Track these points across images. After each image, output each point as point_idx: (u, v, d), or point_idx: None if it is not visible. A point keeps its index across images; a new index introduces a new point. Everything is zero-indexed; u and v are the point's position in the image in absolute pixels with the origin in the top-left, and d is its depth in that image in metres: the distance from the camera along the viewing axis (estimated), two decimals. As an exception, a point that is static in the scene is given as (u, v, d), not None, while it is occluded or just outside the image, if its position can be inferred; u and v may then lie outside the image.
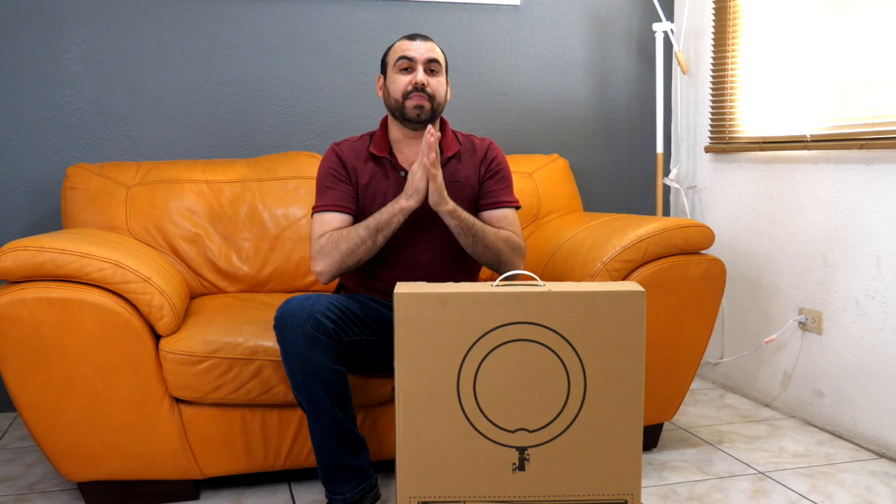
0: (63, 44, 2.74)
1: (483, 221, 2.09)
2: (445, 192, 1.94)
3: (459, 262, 2.11)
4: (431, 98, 2.02)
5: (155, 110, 2.83)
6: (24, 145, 2.74)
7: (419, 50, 2.03)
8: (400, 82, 2.02)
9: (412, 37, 2.06)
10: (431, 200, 1.93)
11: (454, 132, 2.16)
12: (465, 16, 3.07)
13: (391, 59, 2.06)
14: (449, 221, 1.97)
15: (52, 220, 2.75)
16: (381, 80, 2.10)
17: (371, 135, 2.14)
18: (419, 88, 2.00)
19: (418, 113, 2.01)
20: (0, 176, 2.73)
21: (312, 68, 2.94)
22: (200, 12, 2.84)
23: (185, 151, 2.85)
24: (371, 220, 1.95)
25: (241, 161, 2.71)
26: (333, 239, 1.97)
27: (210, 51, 2.85)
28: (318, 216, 2.04)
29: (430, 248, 2.07)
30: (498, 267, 2.06)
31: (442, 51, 2.10)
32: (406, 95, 2.01)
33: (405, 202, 1.94)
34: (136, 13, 2.79)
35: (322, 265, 1.97)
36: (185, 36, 2.83)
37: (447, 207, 1.94)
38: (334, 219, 2.02)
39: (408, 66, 2.02)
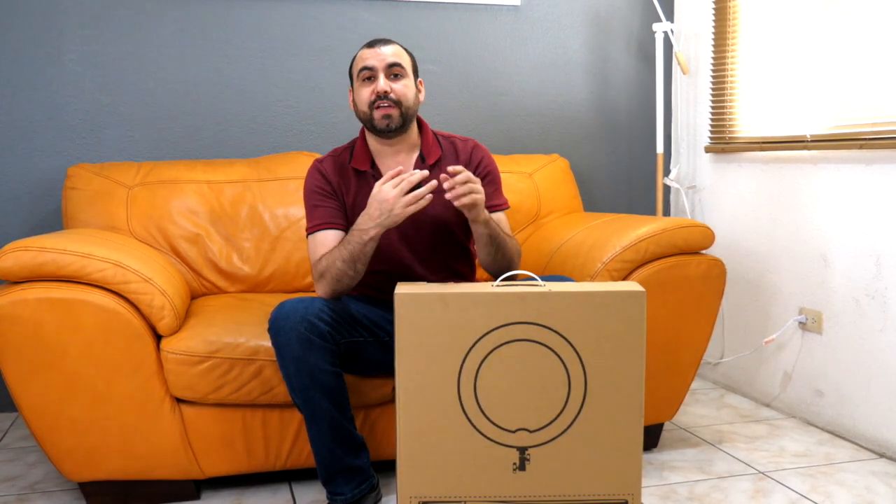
0: (64, 44, 2.74)
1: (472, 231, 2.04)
2: (483, 206, 1.86)
3: (450, 269, 2.10)
4: (398, 103, 1.96)
5: (156, 111, 2.83)
6: (25, 145, 2.74)
7: (378, 56, 1.95)
8: (364, 93, 1.97)
9: (371, 44, 1.99)
10: (471, 215, 1.85)
11: (435, 134, 2.11)
12: (465, 16, 3.07)
13: (354, 69, 2.00)
14: (481, 231, 1.90)
15: (52, 220, 2.75)
16: (352, 94, 2.05)
17: (351, 148, 2.08)
18: (382, 96, 1.94)
19: (387, 123, 1.96)
20: (1, 176, 2.73)
21: (313, 69, 2.94)
22: (201, 13, 2.84)
23: (185, 152, 2.86)
24: (344, 252, 1.87)
25: (242, 161, 2.71)
26: (320, 269, 1.92)
27: (210, 51, 2.86)
28: (311, 237, 2.00)
29: (420, 261, 2.05)
30: (500, 273, 1.99)
31: (408, 52, 2.03)
32: (371, 106, 1.96)
33: (375, 231, 1.83)
34: (137, 14, 2.79)
35: (320, 291, 1.94)
36: (185, 36, 2.83)
37: (484, 216, 1.87)
38: (327, 237, 1.98)
39: (369, 74, 1.96)
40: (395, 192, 1.80)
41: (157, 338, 1.98)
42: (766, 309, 2.81)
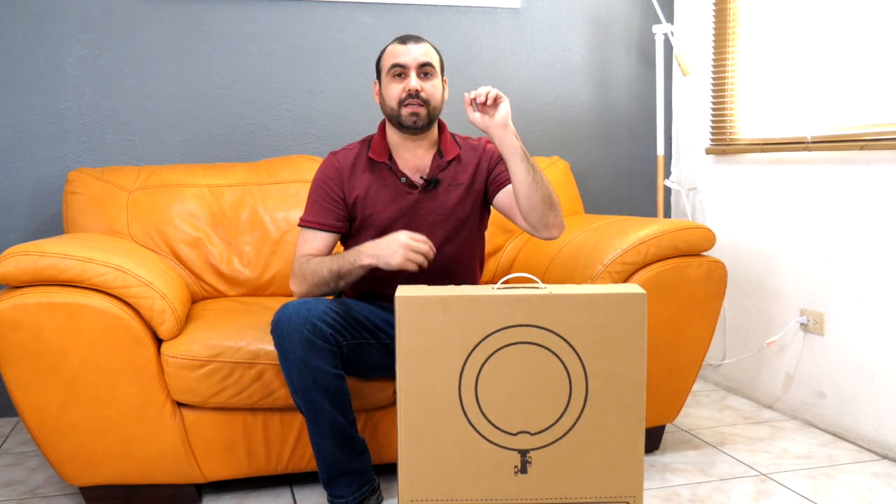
0: (64, 49, 2.75)
1: (503, 202, 2.05)
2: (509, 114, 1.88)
3: (461, 264, 2.11)
4: (426, 103, 1.99)
5: (156, 115, 2.83)
6: (25, 150, 2.74)
7: (412, 54, 1.98)
8: (394, 90, 1.99)
9: (404, 40, 2.01)
10: (501, 120, 1.88)
11: (452, 135, 2.14)
12: (464, 19, 3.07)
13: (384, 64, 2.03)
14: (515, 142, 1.88)
15: (53, 224, 2.75)
16: (377, 85, 2.07)
17: (369, 141, 2.10)
18: (413, 95, 1.97)
19: (415, 120, 1.99)
20: (1, 181, 2.73)
21: (312, 72, 2.95)
22: (200, 17, 2.84)
23: (186, 156, 2.86)
24: (334, 265, 1.92)
25: (242, 165, 2.71)
26: (304, 270, 1.97)
27: (210, 55, 2.86)
28: (303, 230, 2.05)
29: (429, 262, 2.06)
30: (548, 214, 1.95)
31: (437, 51, 2.06)
32: (401, 103, 1.98)
33: (369, 261, 1.88)
34: (136, 18, 2.79)
35: (295, 287, 2.00)
36: (185, 40, 2.84)
37: (514, 129, 1.89)
38: (316, 237, 2.03)
39: (400, 71, 1.99)
40: (407, 240, 1.85)
41: (158, 342, 1.98)
42: (767, 310, 2.81)
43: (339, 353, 1.87)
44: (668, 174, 3.27)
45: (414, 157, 2.07)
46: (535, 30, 3.14)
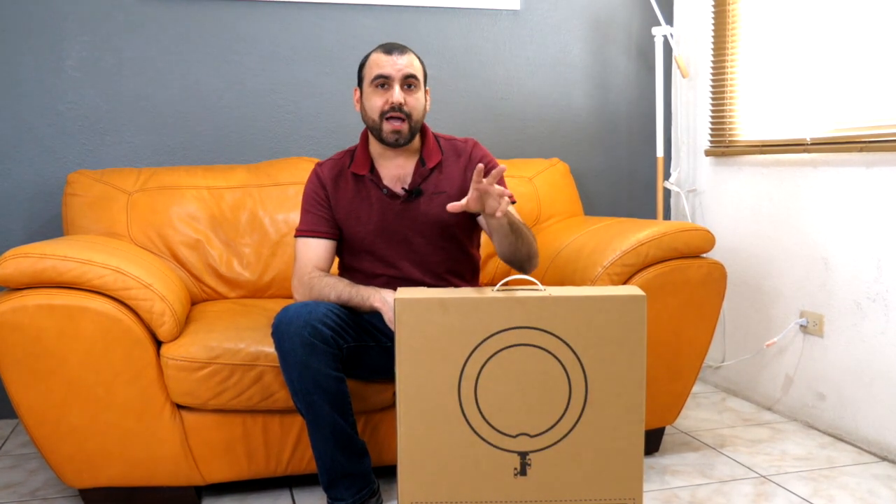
0: (64, 51, 2.75)
1: (485, 226, 2.07)
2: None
3: (451, 272, 2.11)
4: (409, 116, 1.97)
5: (155, 117, 2.83)
6: (25, 152, 2.74)
7: (395, 66, 1.96)
8: (376, 102, 1.98)
9: (388, 49, 1.98)
10: (489, 209, 1.76)
11: (436, 137, 2.12)
12: (464, 20, 3.07)
13: (367, 74, 2.00)
14: (502, 222, 1.84)
15: (53, 226, 2.75)
16: (358, 93, 2.05)
17: (352, 152, 2.10)
18: (396, 108, 1.96)
19: (396, 138, 1.98)
20: (1, 182, 2.73)
21: (313, 74, 2.95)
22: (201, 19, 2.84)
23: (185, 157, 2.86)
24: (344, 294, 1.93)
25: (242, 167, 2.71)
26: (311, 285, 1.98)
27: (210, 57, 2.86)
28: (299, 241, 2.08)
29: (420, 263, 2.07)
30: (525, 265, 1.97)
31: (420, 60, 2.04)
32: (383, 116, 1.97)
33: (379, 305, 1.87)
34: (136, 20, 2.79)
35: (298, 297, 2.02)
36: (185, 42, 2.84)
37: (505, 209, 1.79)
38: (315, 245, 2.06)
39: (384, 82, 1.97)
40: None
41: (158, 344, 1.98)
42: (767, 312, 2.81)
43: (340, 355, 1.87)
44: (667, 176, 3.27)
45: (396, 167, 2.06)
46: (535, 31, 3.15)
